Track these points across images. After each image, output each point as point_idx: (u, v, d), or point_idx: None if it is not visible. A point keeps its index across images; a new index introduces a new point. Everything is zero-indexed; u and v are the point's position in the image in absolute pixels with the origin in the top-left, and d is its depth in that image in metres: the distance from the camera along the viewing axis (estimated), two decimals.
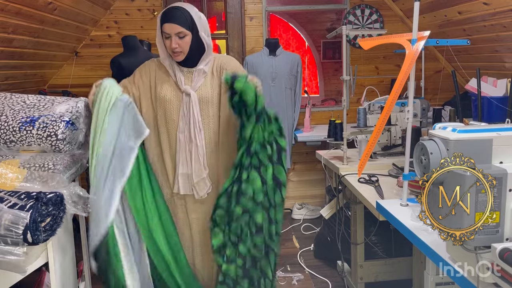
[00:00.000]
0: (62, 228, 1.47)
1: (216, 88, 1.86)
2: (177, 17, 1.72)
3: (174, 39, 1.73)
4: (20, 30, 2.63)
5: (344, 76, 2.44)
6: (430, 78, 3.82)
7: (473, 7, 2.80)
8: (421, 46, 1.65)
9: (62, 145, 1.70)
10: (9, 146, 1.71)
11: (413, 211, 1.53)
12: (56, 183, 1.52)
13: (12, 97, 1.86)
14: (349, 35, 2.75)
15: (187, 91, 1.81)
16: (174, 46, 1.73)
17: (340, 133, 2.57)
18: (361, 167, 1.87)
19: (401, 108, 2.59)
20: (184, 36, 1.74)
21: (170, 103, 1.84)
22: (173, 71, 1.84)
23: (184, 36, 1.73)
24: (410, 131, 1.71)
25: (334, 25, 5.34)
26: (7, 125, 1.69)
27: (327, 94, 5.95)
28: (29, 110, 1.76)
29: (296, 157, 4.11)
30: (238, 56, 3.98)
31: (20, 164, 1.60)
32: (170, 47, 1.75)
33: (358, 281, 2.49)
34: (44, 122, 1.70)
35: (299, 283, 2.83)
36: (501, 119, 2.49)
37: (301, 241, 3.49)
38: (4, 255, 1.27)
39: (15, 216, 1.28)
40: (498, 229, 1.09)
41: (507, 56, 2.91)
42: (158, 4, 3.79)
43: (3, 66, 2.75)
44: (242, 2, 3.90)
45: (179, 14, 1.73)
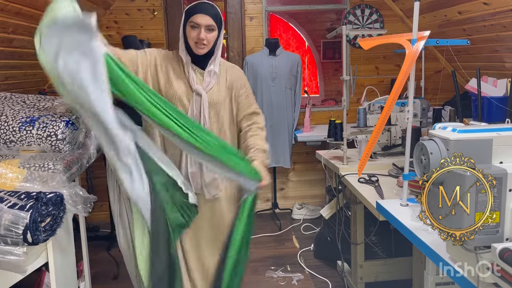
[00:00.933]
0: (62, 228, 1.47)
1: (223, 91, 1.86)
2: (211, 11, 1.74)
3: (202, 30, 1.73)
4: (20, 30, 2.63)
5: (344, 76, 2.44)
6: (430, 78, 3.82)
7: (473, 7, 2.80)
8: (421, 46, 1.65)
9: (62, 145, 1.70)
10: (9, 146, 1.71)
11: (413, 211, 1.53)
12: (56, 183, 1.52)
13: (12, 97, 1.86)
14: (349, 35, 2.75)
15: (199, 91, 1.80)
16: (203, 37, 1.73)
17: (340, 133, 2.57)
18: (361, 167, 1.87)
19: (401, 108, 2.59)
20: (213, 30, 1.75)
21: (180, 100, 1.80)
22: (187, 68, 1.82)
23: (212, 30, 1.75)
24: (410, 131, 1.71)
25: (334, 25, 5.33)
26: (7, 125, 1.69)
27: (327, 94, 5.95)
28: (29, 110, 1.76)
29: (296, 157, 4.12)
30: (238, 56, 3.99)
31: (20, 164, 1.60)
32: (197, 36, 1.73)
33: (358, 281, 2.49)
34: (44, 122, 1.70)
35: (299, 283, 2.83)
36: (501, 119, 2.48)
37: (301, 241, 3.49)
38: (4, 255, 1.27)
39: (15, 216, 1.28)
40: (498, 229, 1.09)
41: (507, 56, 2.91)
42: (158, 4, 3.79)
43: (3, 66, 2.75)
44: (242, 2, 3.90)
45: (213, 9, 1.76)
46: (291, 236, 3.63)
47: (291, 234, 3.67)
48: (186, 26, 1.76)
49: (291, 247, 3.41)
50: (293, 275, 2.90)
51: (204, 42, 1.74)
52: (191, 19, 1.74)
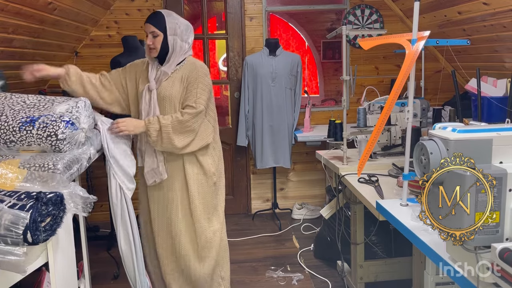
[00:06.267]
0: (62, 228, 1.47)
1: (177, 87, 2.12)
2: (153, 19, 2.09)
3: (149, 37, 2.09)
4: (20, 30, 2.63)
5: (344, 76, 2.44)
6: (430, 78, 3.82)
7: (473, 7, 2.80)
8: (421, 46, 1.65)
9: (62, 145, 1.70)
10: (9, 146, 1.71)
11: (413, 211, 1.53)
12: (56, 183, 1.51)
13: (12, 97, 1.86)
14: (349, 35, 2.76)
15: (151, 87, 2.12)
16: (149, 43, 2.09)
17: (340, 133, 2.57)
18: (360, 167, 1.87)
19: (401, 108, 2.59)
20: (157, 35, 2.08)
21: (141, 96, 2.16)
22: (151, 67, 2.16)
23: (156, 35, 2.08)
24: (410, 131, 1.71)
25: (334, 25, 5.33)
26: (7, 125, 1.69)
27: (327, 94, 5.94)
28: (29, 110, 1.76)
29: (296, 157, 4.12)
30: (238, 56, 3.99)
31: (20, 164, 1.60)
32: (146, 43, 2.10)
33: (358, 281, 2.49)
34: (44, 122, 1.69)
35: (299, 283, 2.83)
36: (501, 119, 2.48)
37: (301, 241, 3.49)
38: (4, 255, 1.27)
39: (15, 216, 1.28)
40: (498, 229, 1.09)
41: (507, 56, 2.91)
42: (158, 4, 3.79)
43: (3, 66, 2.75)
44: (242, 2, 3.90)
45: (156, 17, 2.09)
46: (291, 236, 3.63)
47: (291, 234, 3.67)
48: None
49: (291, 247, 3.41)
50: (293, 275, 2.90)
51: (151, 46, 2.09)
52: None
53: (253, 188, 4.17)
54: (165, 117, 2.06)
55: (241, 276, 2.95)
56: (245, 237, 3.61)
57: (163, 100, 2.11)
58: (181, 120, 2.05)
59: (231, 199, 4.12)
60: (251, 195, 4.18)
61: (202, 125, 2.15)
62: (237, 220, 4.02)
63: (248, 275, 2.98)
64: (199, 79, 2.11)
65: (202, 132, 2.15)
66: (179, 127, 2.05)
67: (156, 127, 2.03)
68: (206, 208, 2.23)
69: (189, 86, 2.11)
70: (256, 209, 4.14)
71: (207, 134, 2.19)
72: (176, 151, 2.11)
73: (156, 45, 2.08)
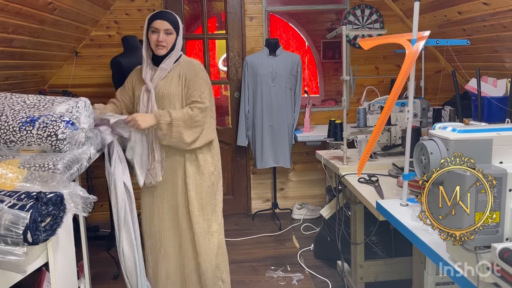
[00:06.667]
0: (62, 228, 1.47)
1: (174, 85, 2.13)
2: (168, 17, 2.08)
3: (161, 34, 2.06)
4: (20, 30, 2.63)
5: (344, 76, 2.44)
6: (430, 78, 3.82)
7: (473, 7, 2.80)
8: (421, 46, 1.65)
9: (62, 145, 1.70)
10: (9, 146, 1.71)
11: (413, 211, 1.53)
12: (56, 183, 1.51)
13: (12, 97, 1.86)
14: (349, 35, 2.75)
15: (148, 87, 2.12)
16: (161, 40, 2.06)
17: (340, 133, 2.57)
18: (360, 167, 1.87)
19: (401, 108, 2.59)
20: (171, 33, 2.08)
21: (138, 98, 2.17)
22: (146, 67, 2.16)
23: (170, 33, 2.08)
24: (410, 131, 1.71)
25: (334, 25, 5.33)
26: (7, 125, 1.69)
27: (327, 94, 5.94)
28: (29, 110, 1.76)
29: (296, 157, 4.12)
30: (238, 56, 3.99)
31: (20, 164, 1.60)
32: (157, 39, 2.06)
33: (358, 281, 2.49)
34: (44, 122, 1.69)
35: (299, 283, 2.83)
36: (501, 119, 2.49)
37: (301, 241, 3.49)
38: (4, 255, 1.27)
39: (15, 216, 1.28)
40: (498, 229, 1.09)
41: (507, 56, 2.91)
42: (158, 4, 3.79)
43: (3, 66, 2.75)
44: (242, 2, 3.90)
45: (170, 15, 2.10)
46: (291, 236, 3.63)
47: (291, 234, 3.67)
48: (148, 32, 2.10)
49: (291, 247, 3.41)
50: (293, 275, 2.90)
51: (163, 43, 2.07)
52: (152, 25, 2.08)
53: (253, 188, 4.18)
54: (175, 111, 2.06)
55: (241, 276, 2.95)
56: (245, 237, 3.61)
57: (162, 98, 2.12)
58: (192, 115, 2.06)
59: (231, 199, 4.12)
60: (251, 195, 4.18)
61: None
62: (237, 220, 4.02)
63: (248, 275, 2.98)
64: (198, 75, 2.13)
65: (206, 128, 2.16)
66: (190, 121, 2.06)
67: (167, 120, 2.03)
68: (204, 209, 2.23)
69: (189, 82, 2.12)
70: (256, 209, 4.14)
71: (211, 130, 2.20)
72: (183, 146, 2.10)
73: (168, 43, 2.09)
